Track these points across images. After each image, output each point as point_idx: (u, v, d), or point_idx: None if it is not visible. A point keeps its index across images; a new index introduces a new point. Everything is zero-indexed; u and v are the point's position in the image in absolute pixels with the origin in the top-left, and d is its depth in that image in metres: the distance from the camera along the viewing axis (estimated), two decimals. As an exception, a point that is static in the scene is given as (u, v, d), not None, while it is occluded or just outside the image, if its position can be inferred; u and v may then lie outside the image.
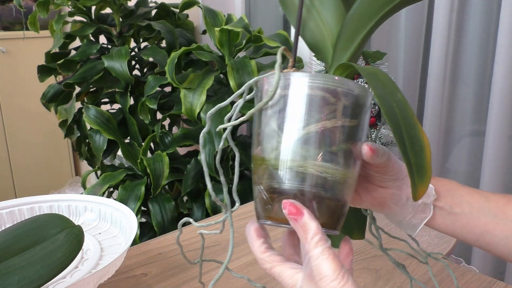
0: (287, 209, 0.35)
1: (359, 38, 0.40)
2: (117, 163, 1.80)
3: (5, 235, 0.42)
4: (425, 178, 0.35)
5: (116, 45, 1.54)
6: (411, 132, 0.35)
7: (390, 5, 0.38)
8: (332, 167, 0.37)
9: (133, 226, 0.61)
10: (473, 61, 1.23)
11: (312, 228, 0.34)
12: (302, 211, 0.35)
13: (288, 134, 0.37)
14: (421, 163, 0.35)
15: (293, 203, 0.35)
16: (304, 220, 0.35)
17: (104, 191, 1.31)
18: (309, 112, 0.36)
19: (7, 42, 2.48)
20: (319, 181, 0.36)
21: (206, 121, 0.41)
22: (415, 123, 0.35)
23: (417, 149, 0.35)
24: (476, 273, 0.68)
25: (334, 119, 0.37)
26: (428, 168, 0.35)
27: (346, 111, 0.37)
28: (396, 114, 0.34)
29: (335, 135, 0.37)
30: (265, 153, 0.38)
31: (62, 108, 1.60)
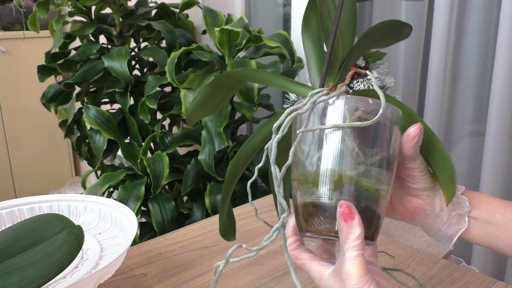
0: (342, 208, 0.37)
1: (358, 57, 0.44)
2: (117, 163, 1.80)
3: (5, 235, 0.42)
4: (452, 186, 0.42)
5: (116, 45, 1.54)
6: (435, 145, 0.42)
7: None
8: (373, 182, 0.39)
9: (133, 226, 0.61)
10: (473, 61, 1.23)
11: (357, 232, 0.37)
12: (354, 215, 0.37)
13: (365, 157, 0.39)
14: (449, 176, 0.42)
15: (350, 205, 0.37)
16: (353, 223, 0.37)
17: (104, 191, 1.31)
18: (381, 139, 0.40)
19: (7, 42, 2.48)
20: (360, 195, 0.39)
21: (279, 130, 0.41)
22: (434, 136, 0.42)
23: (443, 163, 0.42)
24: (476, 273, 0.68)
25: (392, 144, 0.40)
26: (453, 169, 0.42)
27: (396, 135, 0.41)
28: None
29: (393, 158, 0.40)
30: (307, 170, 0.40)
31: (62, 108, 1.60)
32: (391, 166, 0.40)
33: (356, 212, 0.37)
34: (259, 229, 0.81)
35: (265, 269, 0.69)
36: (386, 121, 0.40)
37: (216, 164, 1.31)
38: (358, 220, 0.37)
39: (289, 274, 0.68)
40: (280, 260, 0.71)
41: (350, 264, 0.36)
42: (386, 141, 0.40)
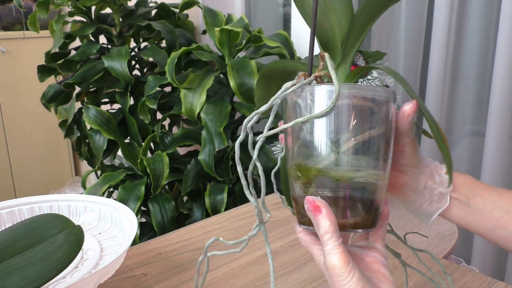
0: (307, 204, 0.38)
1: (363, 35, 0.42)
2: (117, 163, 1.80)
3: (5, 235, 0.42)
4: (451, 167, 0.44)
5: (116, 45, 1.54)
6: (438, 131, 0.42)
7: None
8: (375, 172, 0.39)
9: (133, 226, 0.61)
10: (473, 61, 1.23)
11: (326, 225, 0.37)
12: (320, 209, 0.37)
13: (336, 145, 0.38)
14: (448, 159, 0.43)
15: (314, 200, 0.38)
16: (319, 217, 0.37)
17: (104, 191, 1.31)
18: (356, 122, 0.38)
19: (7, 42, 2.48)
20: (362, 186, 0.39)
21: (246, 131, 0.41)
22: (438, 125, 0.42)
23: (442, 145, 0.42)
24: (476, 273, 0.68)
25: (379, 127, 0.39)
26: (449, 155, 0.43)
27: (384, 117, 0.39)
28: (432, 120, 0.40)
29: (380, 141, 0.39)
30: (307, 163, 0.39)
31: (62, 108, 1.60)
32: (384, 151, 0.39)
33: (324, 204, 0.37)
34: (259, 229, 0.81)
35: (265, 269, 0.69)
36: (362, 104, 0.38)
37: (216, 164, 1.31)
38: (326, 212, 0.37)
39: (289, 274, 0.68)
40: (280, 260, 0.71)
41: (329, 258, 0.37)
42: (370, 125, 0.38)
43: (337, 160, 0.38)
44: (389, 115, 0.40)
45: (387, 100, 0.39)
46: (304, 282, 0.65)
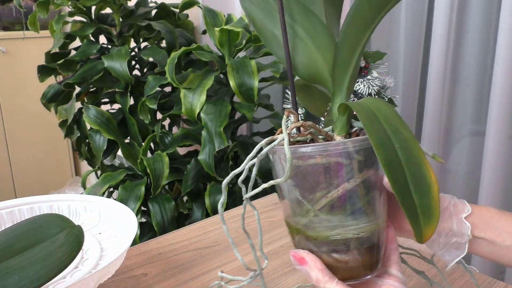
0: (292, 258, 0.39)
1: (355, 57, 0.39)
2: (117, 163, 1.80)
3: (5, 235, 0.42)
4: (432, 220, 0.34)
5: (116, 45, 1.54)
6: (417, 172, 0.34)
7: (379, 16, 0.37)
8: (363, 223, 0.37)
9: (133, 226, 0.61)
10: (473, 61, 1.23)
11: (314, 275, 0.37)
12: (305, 260, 0.38)
13: (311, 204, 0.38)
14: (427, 204, 0.33)
15: (297, 252, 0.38)
16: (307, 269, 0.38)
17: (104, 191, 1.31)
18: (326, 179, 0.37)
19: (7, 42, 2.48)
20: (354, 239, 0.37)
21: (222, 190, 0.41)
22: (422, 162, 0.34)
23: (424, 189, 0.34)
24: (476, 273, 0.68)
25: (353, 179, 0.37)
26: (436, 208, 0.34)
27: (361, 165, 0.37)
28: (395, 161, 0.33)
29: (357, 192, 0.37)
30: (292, 221, 0.40)
31: (62, 108, 1.60)
32: (367, 200, 0.38)
33: (307, 254, 0.37)
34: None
35: (265, 269, 0.69)
36: (327, 161, 0.37)
37: (216, 164, 1.31)
38: (310, 261, 0.37)
39: (289, 275, 0.68)
40: (279, 260, 0.71)
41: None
42: (342, 179, 0.37)
43: (314, 219, 0.38)
44: (369, 158, 0.37)
45: (358, 149, 0.37)
46: (304, 283, 0.65)
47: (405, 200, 0.33)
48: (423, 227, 0.34)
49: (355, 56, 0.39)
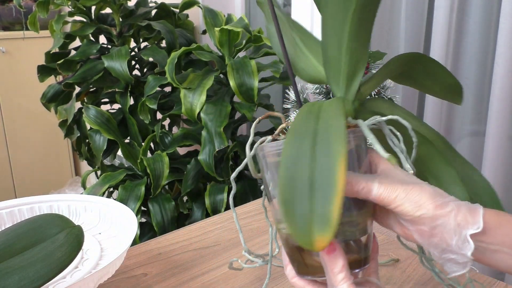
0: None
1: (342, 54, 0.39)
2: (117, 163, 1.80)
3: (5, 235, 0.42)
4: (328, 229, 0.29)
5: (116, 45, 1.54)
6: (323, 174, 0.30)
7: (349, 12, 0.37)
8: (354, 214, 0.38)
9: (133, 226, 0.61)
10: (473, 61, 1.23)
11: (340, 263, 0.35)
12: (335, 247, 0.36)
13: None
14: (324, 212, 0.29)
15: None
16: (334, 255, 0.36)
17: (104, 191, 1.31)
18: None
19: (7, 42, 2.48)
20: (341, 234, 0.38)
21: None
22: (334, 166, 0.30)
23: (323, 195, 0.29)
24: (476, 273, 0.68)
25: None
26: (334, 219, 0.29)
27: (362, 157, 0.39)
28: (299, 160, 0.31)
29: None
30: (279, 220, 0.40)
31: (62, 108, 1.60)
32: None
33: (337, 243, 0.36)
34: (260, 229, 0.81)
35: (265, 269, 0.69)
36: None
37: (216, 164, 1.31)
38: (339, 250, 0.36)
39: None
40: (279, 260, 0.71)
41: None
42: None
43: None
44: None
45: None
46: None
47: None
48: (316, 235, 0.30)
49: (342, 53, 0.39)
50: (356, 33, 0.38)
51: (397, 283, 0.65)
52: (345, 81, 0.41)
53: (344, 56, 0.39)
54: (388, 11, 1.35)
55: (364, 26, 0.38)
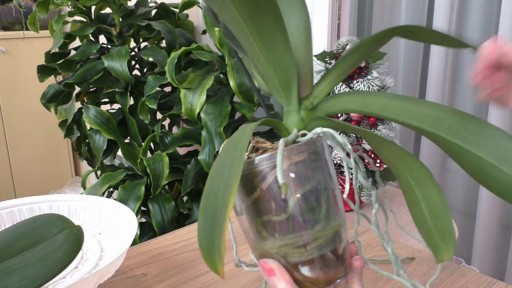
0: (260, 268, 0.38)
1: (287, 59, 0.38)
2: (117, 163, 1.80)
3: (5, 235, 0.42)
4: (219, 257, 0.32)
5: (116, 45, 1.54)
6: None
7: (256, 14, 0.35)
8: (323, 227, 0.37)
9: (133, 226, 0.61)
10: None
11: (282, 285, 0.36)
12: (274, 271, 0.37)
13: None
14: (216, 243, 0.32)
15: (266, 262, 0.37)
16: (274, 279, 0.37)
17: (104, 191, 1.31)
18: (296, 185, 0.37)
19: (7, 42, 2.48)
20: (327, 240, 0.37)
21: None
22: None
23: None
24: (476, 273, 0.68)
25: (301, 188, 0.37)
26: (220, 249, 0.31)
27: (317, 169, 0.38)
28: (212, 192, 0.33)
29: (319, 196, 0.37)
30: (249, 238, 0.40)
31: (62, 108, 1.60)
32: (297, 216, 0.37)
33: (276, 266, 0.37)
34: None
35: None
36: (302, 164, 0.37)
37: (216, 164, 1.31)
38: (279, 273, 0.36)
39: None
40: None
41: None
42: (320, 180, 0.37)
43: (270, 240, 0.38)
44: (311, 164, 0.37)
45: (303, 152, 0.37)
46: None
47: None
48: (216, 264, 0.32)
49: (265, 65, 0.38)
50: (264, 42, 0.36)
51: (397, 283, 0.65)
52: (282, 92, 0.40)
53: (268, 68, 0.38)
54: (388, 11, 1.35)
55: (270, 33, 0.36)
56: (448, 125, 0.33)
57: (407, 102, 0.36)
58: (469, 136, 0.33)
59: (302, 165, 0.37)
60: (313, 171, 0.38)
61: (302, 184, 0.37)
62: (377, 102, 0.38)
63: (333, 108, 0.40)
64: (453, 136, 0.33)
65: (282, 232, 0.37)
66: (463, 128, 0.33)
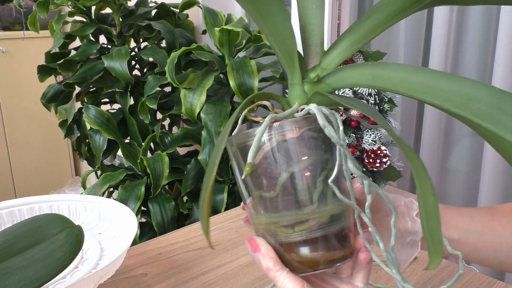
0: (247, 243, 0.37)
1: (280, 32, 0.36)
2: (117, 163, 1.80)
3: (5, 235, 0.42)
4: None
5: (116, 45, 1.54)
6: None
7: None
8: (315, 210, 0.35)
9: (133, 226, 0.61)
10: (473, 61, 1.23)
11: (265, 262, 0.36)
12: (258, 248, 0.37)
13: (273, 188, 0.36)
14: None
15: (253, 239, 0.37)
16: (259, 256, 0.37)
17: (104, 191, 1.31)
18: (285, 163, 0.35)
19: (7, 42, 2.48)
20: (320, 224, 0.36)
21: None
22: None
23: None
24: (476, 273, 0.68)
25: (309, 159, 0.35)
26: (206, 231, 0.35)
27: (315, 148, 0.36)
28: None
29: (314, 177, 0.35)
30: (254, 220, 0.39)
31: (62, 108, 1.60)
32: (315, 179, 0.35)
33: (262, 242, 0.36)
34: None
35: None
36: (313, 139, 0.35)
37: (216, 164, 1.31)
38: (264, 249, 0.36)
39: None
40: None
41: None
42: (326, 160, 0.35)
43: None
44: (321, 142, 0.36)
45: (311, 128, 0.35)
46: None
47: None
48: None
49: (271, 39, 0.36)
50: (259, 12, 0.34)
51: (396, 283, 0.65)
52: (285, 64, 0.37)
53: (269, 37, 0.36)
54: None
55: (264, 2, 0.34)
56: (479, 105, 0.28)
57: (428, 76, 0.31)
58: (506, 120, 0.28)
59: (296, 142, 0.35)
60: (310, 149, 0.35)
61: (294, 162, 0.35)
62: (391, 76, 0.33)
63: (340, 83, 0.37)
64: (485, 118, 0.29)
65: (272, 209, 0.36)
66: (498, 109, 0.28)
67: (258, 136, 0.34)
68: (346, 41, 0.37)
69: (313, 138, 0.35)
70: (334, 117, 0.35)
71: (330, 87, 0.37)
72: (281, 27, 0.35)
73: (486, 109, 0.28)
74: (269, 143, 0.36)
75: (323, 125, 0.34)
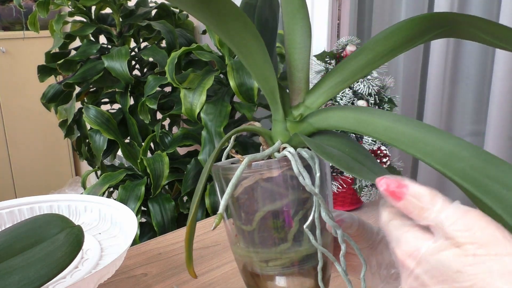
0: (383, 186, 0.28)
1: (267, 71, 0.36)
2: (117, 163, 1.80)
3: (5, 235, 0.42)
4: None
5: (116, 45, 1.54)
6: None
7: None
8: (290, 248, 0.35)
9: (133, 226, 0.61)
10: (473, 61, 1.23)
11: (425, 195, 0.27)
12: (404, 183, 0.27)
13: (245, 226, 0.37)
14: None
15: (388, 178, 0.28)
16: (413, 191, 0.27)
17: (104, 191, 1.31)
18: (262, 201, 0.35)
19: (7, 42, 2.48)
20: (293, 262, 0.36)
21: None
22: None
23: None
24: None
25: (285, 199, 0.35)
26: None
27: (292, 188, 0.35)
28: None
29: (290, 216, 0.35)
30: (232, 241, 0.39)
31: (62, 108, 1.60)
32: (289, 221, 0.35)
33: (402, 177, 0.28)
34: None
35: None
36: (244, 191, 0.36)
37: (216, 164, 1.31)
38: (412, 183, 0.28)
39: (289, 274, 0.68)
40: (280, 260, 0.71)
41: (463, 218, 0.28)
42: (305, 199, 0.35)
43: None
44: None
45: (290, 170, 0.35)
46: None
47: None
48: None
49: (256, 80, 0.37)
50: (239, 49, 0.34)
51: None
52: (268, 100, 0.37)
53: (252, 74, 0.37)
54: (388, 12, 1.35)
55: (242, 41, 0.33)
56: (462, 165, 0.27)
57: (413, 127, 0.30)
58: (487, 183, 0.27)
59: (274, 182, 0.34)
60: (287, 189, 0.35)
61: (270, 201, 0.35)
62: (375, 123, 0.32)
63: (323, 123, 0.36)
64: (467, 180, 0.27)
65: (249, 242, 0.36)
66: (481, 172, 0.27)
67: (237, 174, 0.34)
68: (331, 81, 0.36)
69: (292, 177, 0.35)
70: (313, 160, 0.34)
71: (313, 127, 0.36)
72: (261, 66, 0.35)
73: (468, 170, 0.27)
74: (248, 180, 0.35)
75: (297, 173, 0.33)
